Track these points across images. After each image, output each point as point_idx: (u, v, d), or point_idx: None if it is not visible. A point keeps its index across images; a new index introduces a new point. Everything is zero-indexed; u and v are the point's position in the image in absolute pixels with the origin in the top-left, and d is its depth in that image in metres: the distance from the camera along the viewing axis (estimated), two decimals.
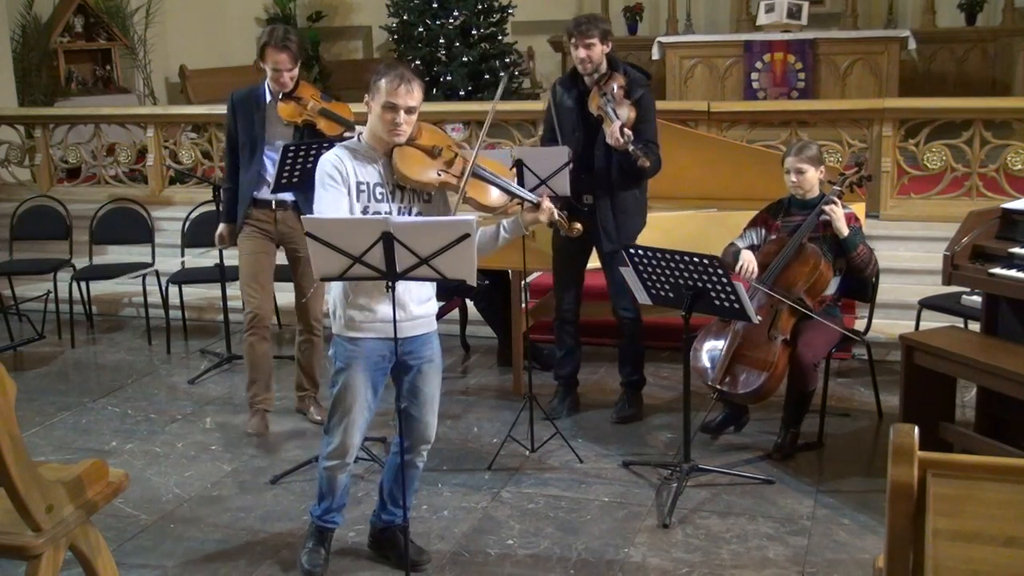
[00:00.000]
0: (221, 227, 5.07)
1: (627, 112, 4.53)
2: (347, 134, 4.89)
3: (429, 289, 3.47)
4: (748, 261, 4.52)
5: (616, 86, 4.57)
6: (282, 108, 4.78)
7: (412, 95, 3.28)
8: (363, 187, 3.35)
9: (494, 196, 3.48)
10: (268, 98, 4.83)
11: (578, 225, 3.58)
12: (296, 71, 4.77)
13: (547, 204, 3.44)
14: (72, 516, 2.93)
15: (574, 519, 4.05)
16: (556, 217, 3.49)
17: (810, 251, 4.46)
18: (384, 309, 3.34)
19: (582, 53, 4.58)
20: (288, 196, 4.89)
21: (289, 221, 4.92)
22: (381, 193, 3.37)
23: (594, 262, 4.95)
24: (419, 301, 3.44)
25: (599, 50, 4.59)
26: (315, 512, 3.70)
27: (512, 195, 3.49)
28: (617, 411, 5.02)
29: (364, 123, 4.93)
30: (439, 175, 3.38)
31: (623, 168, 4.59)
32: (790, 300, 4.40)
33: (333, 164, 3.33)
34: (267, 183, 4.80)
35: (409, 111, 3.30)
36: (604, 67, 4.65)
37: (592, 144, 4.67)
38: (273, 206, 4.90)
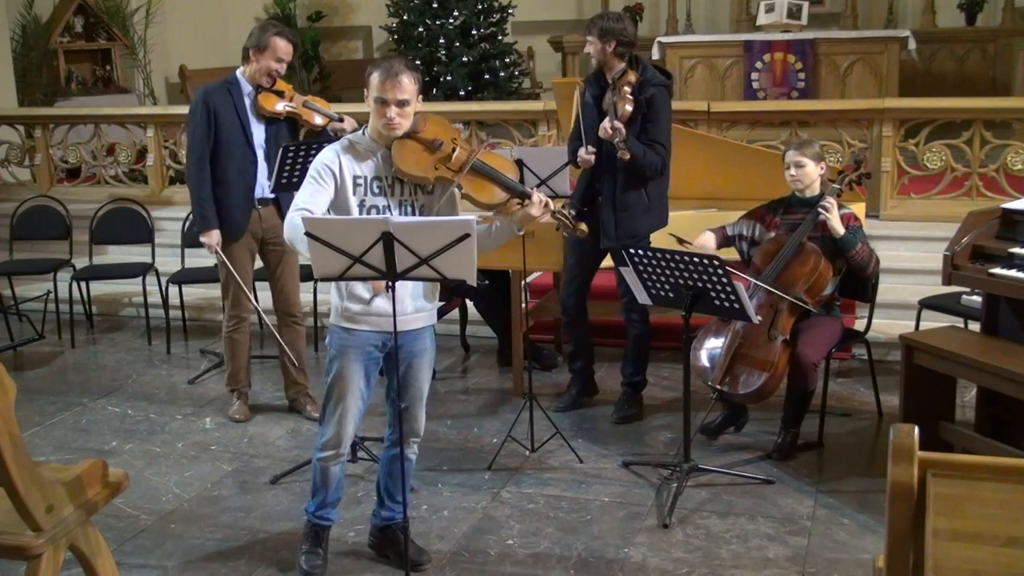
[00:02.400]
0: (216, 234, 4.80)
1: (624, 107, 4.55)
2: (334, 125, 4.87)
3: (429, 285, 3.45)
4: (702, 244, 4.60)
5: (625, 84, 4.59)
6: (266, 100, 4.73)
7: (400, 88, 3.26)
8: (359, 180, 3.36)
9: (491, 194, 3.40)
10: (248, 89, 4.76)
11: (583, 226, 3.52)
12: None
13: (537, 197, 3.35)
14: (72, 516, 2.93)
15: (574, 519, 4.05)
16: (555, 217, 3.43)
17: (809, 250, 4.46)
18: (378, 301, 3.38)
19: (584, 48, 4.70)
20: (268, 192, 4.85)
21: (271, 218, 4.89)
22: (378, 187, 3.37)
23: (607, 261, 4.93)
24: (415, 296, 3.43)
25: (598, 47, 4.63)
26: (310, 508, 3.70)
27: (507, 189, 3.40)
28: (617, 411, 5.02)
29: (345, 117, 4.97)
30: (435, 168, 3.35)
31: (625, 165, 4.59)
32: (790, 297, 4.40)
33: (325, 163, 3.35)
34: (260, 180, 4.79)
35: (400, 104, 3.28)
36: (618, 65, 4.67)
37: (602, 140, 4.67)
38: (257, 203, 4.87)
